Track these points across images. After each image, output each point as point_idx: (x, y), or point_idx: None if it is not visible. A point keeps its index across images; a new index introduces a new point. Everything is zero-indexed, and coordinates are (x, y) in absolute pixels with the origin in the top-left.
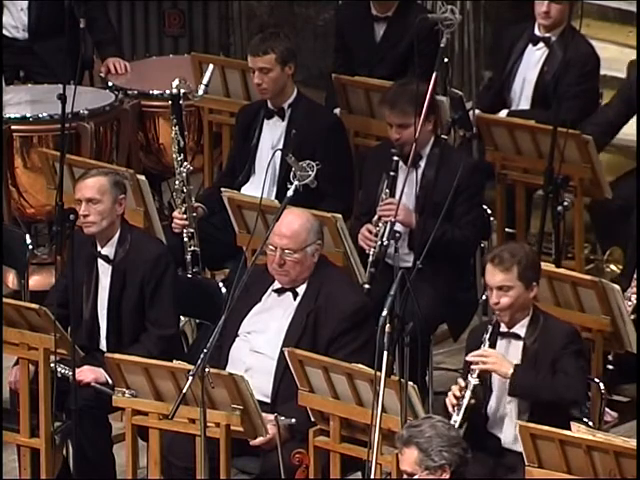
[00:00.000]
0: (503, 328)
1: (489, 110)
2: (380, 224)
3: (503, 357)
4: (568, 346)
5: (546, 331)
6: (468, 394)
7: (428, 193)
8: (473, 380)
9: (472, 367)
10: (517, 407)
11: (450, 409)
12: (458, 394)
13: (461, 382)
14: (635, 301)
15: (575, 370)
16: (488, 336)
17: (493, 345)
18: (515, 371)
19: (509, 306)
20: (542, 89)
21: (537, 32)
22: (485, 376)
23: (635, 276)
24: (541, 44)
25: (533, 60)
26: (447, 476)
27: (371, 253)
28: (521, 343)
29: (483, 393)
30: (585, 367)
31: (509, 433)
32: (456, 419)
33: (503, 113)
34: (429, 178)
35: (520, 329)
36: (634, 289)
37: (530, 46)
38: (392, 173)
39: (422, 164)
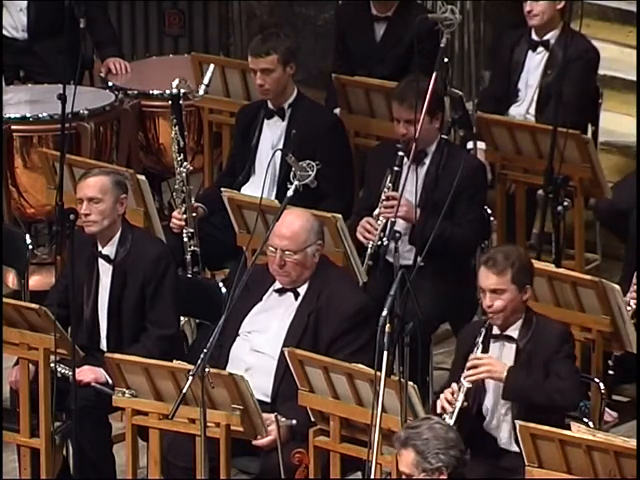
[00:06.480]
0: (496, 331)
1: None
2: (381, 217)
3: (496, 361)
4: (561, 348)
5: (539, 332)
6: (461, 397)
7: (431, 191)
8: (466, 384)
9: (466, 374)
10: (512, 407)
11: (439, 411)
12: (450, 398)
13: (454, 386)
14: (634, 306)
15: (569, 374)
16: (481, 339)
17: (486, 348)
18: (508, 375)
19: (502, 309)
20: (546, 92)
21: (534, 36)
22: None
23: (634, 281)
24: (540, 48)
25: (534, 64)
26: (444, 477)
27: (369, 246)
28: (514, 345)
29: (477, 394)
30: (578, 369)
31: (505, 433)
32: (449, 422)
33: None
34: (433, 176)
35: (513, 332)
36: (633, 294)
37: (530, 52)
38: (396, 168)
39: (427, 162)
